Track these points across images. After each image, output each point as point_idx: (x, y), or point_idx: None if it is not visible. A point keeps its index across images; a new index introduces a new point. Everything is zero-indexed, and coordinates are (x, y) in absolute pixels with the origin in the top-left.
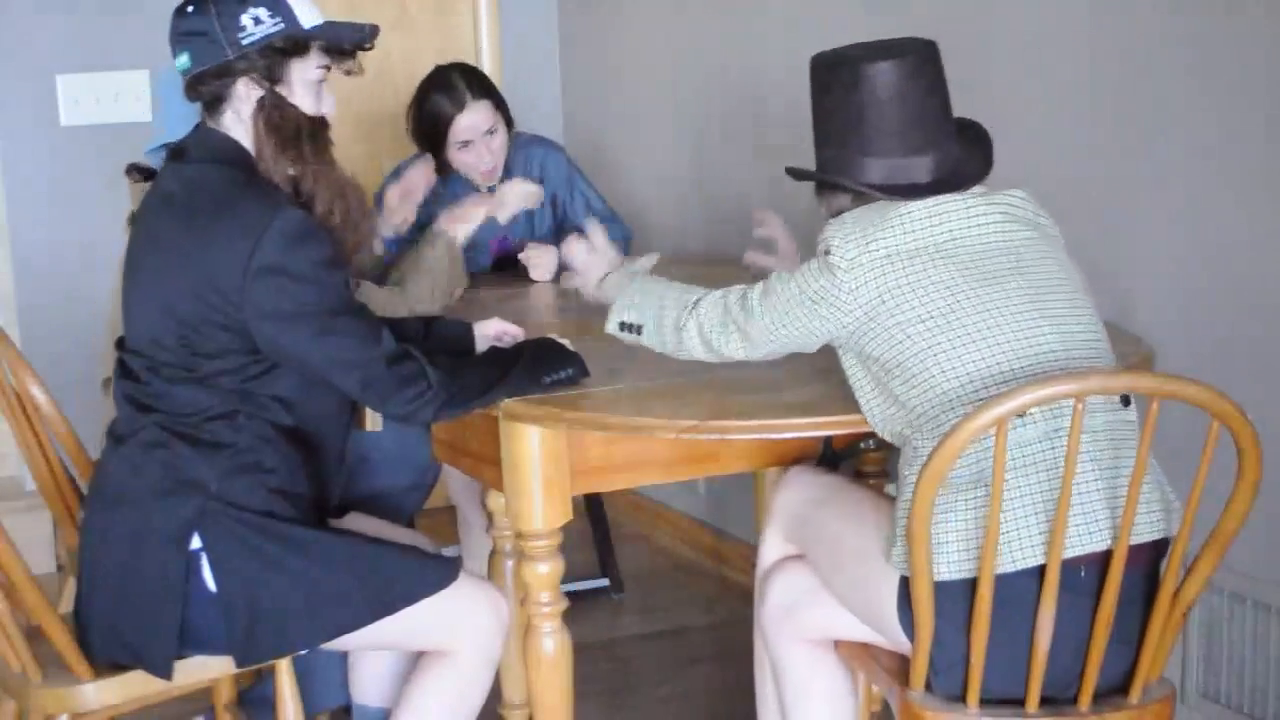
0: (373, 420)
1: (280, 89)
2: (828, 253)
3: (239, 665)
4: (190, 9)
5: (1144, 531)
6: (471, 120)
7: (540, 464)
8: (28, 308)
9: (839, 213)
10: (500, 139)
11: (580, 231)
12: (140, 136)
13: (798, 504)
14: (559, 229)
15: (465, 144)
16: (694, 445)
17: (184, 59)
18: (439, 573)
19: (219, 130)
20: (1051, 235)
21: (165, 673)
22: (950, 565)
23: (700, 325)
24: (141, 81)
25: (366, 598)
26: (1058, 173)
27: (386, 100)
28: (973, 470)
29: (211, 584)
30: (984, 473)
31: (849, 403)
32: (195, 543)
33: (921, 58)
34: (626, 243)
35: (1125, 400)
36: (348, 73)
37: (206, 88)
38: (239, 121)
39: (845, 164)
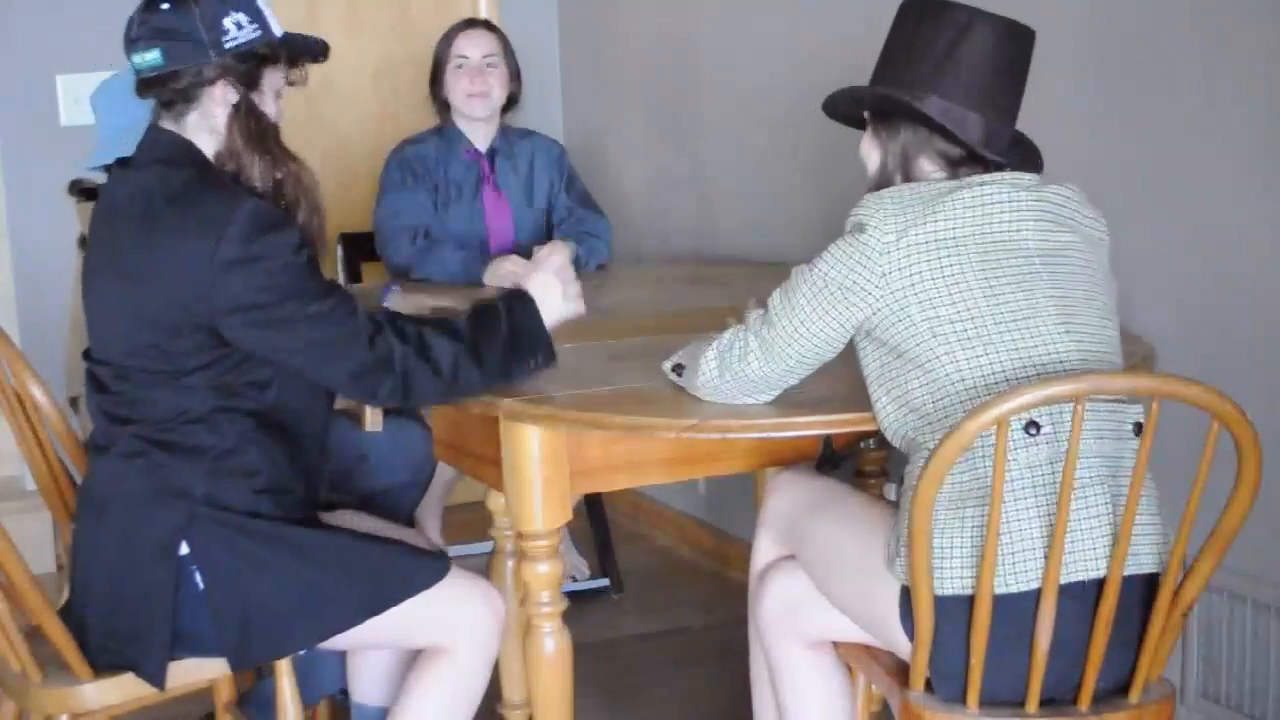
0: (372, 420)
1: (254, 95)
2: (861, 230)
3: (233, 669)
4: (165, 6)
5: (1146, 563)
6: (475, 41)
7: (540, 464)
8: (28, 308)
9: (890, 152)
10: (500, 77)
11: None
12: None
13: (789, 509)
14: (547, 215)
15: (462, 62)
16: (694, 445)
17: (154, 55)
18: (430, 569)
19: (170, 131)
20: (1095, 239)
21: (158, 681)
22: (954, 581)
23: (718, 346)
24: None
25: (358, 596)
26: (1056, 172)
27: (387, 102)
28: (979, 482)
29: (202, 586)
30: (990, 486)
31: (849, 403)
32: (183, 549)
33: (1020, 38)
34: (607, 236)
35: (1138, 430)
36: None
37: (176, 85)
38: (204, 123)
39: (915, 98)
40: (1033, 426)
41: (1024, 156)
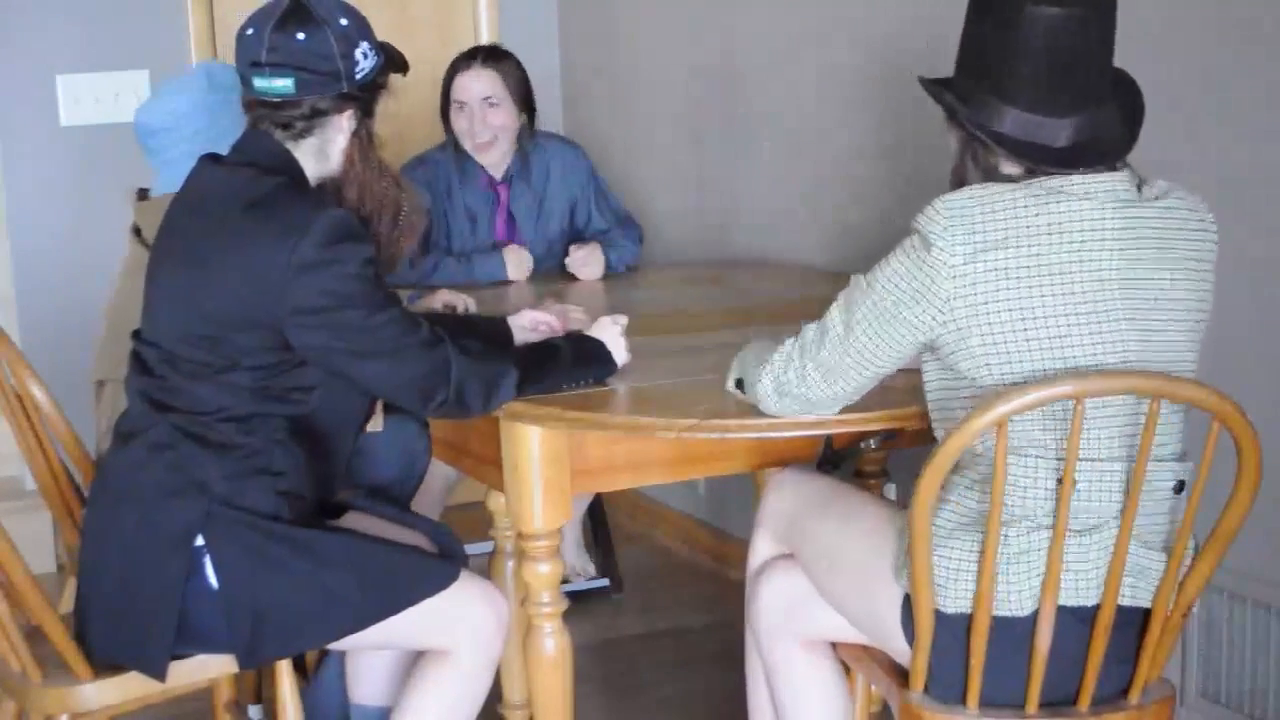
0: (373, 421)
1: (369, 120)
2: (928, 247)
3: (242, 666)
4: (301, 35)
5: (1143, 597)
6: (469, 83)
7: (540, 464)
8: (28, 308)
9: (962, 148)
10: (502, 116)
11: (596, 234)
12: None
13: (790, 508)
14: (574, 231)
15: (460, 106)
16: (694, 445)
17: (286, 84)
18: (441, 573)
19: (272, 139)
20: (1197, 258)
21: (160, 674)
22: (957, 600)
23: (773, 373)
24: (141, 81)
25: (370, 598)
26: None
27: (386, 102)
28: (984, 496)
29: (215, 581)
30: (1004, 512)
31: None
32: (198, 541)
33: (1095, 9)
34: (638, 245)
35: (1179, 488)
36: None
37: (296, 112)
38: (321, 148)
39: (980, 103)
40: (1060, 483)
41: (1125, 108)
